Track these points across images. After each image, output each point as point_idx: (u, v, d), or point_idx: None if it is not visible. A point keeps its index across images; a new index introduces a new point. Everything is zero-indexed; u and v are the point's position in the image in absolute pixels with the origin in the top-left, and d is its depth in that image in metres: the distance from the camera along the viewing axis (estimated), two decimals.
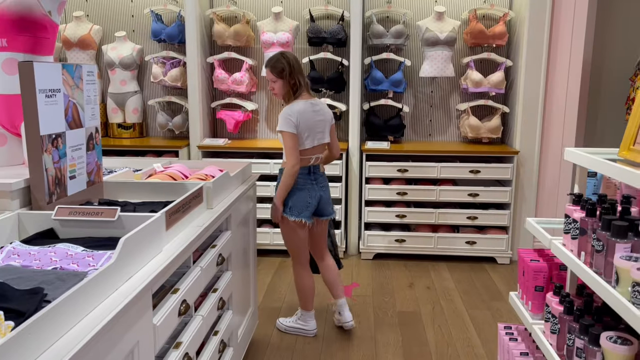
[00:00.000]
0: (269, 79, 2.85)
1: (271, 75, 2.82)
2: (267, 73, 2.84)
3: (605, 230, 1.35)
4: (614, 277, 1.28)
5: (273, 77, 2.82)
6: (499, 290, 3.72)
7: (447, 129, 4.62)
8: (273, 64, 2.81)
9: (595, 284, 1.35)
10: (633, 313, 1.17)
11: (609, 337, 1.31)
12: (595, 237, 1.39)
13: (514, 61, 4.22)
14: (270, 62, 2.82)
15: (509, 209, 4.15)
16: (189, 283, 1.74)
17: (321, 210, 2.91)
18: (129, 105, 4.53)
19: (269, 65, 2.82)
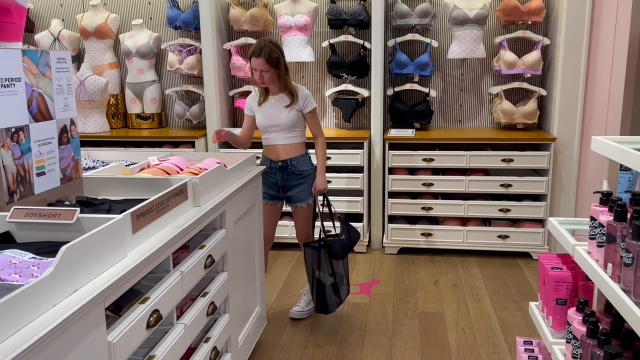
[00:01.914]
0: (258, 69, 2.69)
1: (265, 66, 2.67)
2: (258, 63, 2.67)
3: (636, 240, 1.10)
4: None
5: (266, 67, 2.68)
6: (532, 289, 3.42)
7: (478, 115, 4.30)
8: (268, 53, 2.66)
9: (621, 305, 1.10)
10: None
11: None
12: (624, 246, 1.13)
13: (551, 39, 3.86)
14: (262, 51, 2.66)
15: (546, 200, 3.82)
16: (163, 290, 1.58)
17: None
18: (146, 95, 4.44)
19: (264, 56, 2.65)
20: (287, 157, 2.84)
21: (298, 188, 2.88)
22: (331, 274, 2.85)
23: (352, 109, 4.13)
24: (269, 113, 2.82)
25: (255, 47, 2.69)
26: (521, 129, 4.04)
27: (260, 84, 2.77)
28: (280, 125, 2.81)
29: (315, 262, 2.86)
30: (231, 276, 2.20)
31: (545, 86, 3.99)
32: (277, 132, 2.83)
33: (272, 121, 2.82)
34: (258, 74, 2.71)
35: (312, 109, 2.85)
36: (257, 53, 2.67)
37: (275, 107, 2.81)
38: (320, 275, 2.86)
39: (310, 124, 2.90)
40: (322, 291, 2.85)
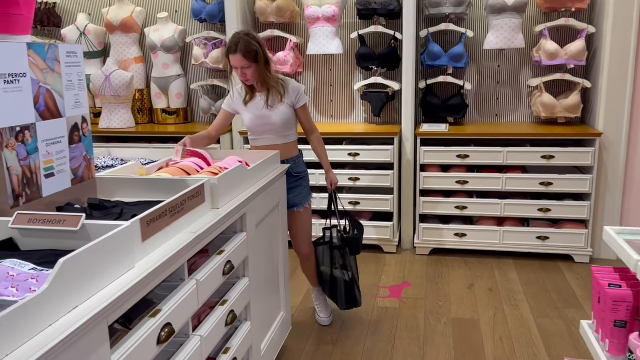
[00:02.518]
0: (238, 66, 2.45)
1: (244, 62, 2.43)
2: (236, 60, 2.44)
3: None
4: None
5: (246, 63, 2.44)
6: (575, 295, 3.21)
7: (516, 109, 4.07)
8: (245, 47, 2.41)
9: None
10: None
11: None
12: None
13: (597, 27, 3.60)
14: (238, 46, 2.42)
15: (590, 200, 3.58)
16: (177, 302, 1.46)
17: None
18: (172, 89, 4.36)
19: (240, 51, 2.41)
20: (284, 159, 2.59)
21: (294, 192, 2.65)
22: (349, 269, 2.79)
23: (382, 103, 3.96)
24: (258, 112, 2.57)
25: (230, 43, 2.45)
26: (563, 123, 3.79)
27: (244, 82, 2.53)
28: (273, 125, 2.58)
29: (339, 260, 2.76)
30: (253, 281, 2.08)
31: (590, 78, 3.74)
32: (270, 132, 2.60)
33: (264, 120, 2.57)
34: (240, 72, 2.47)
35: (305, 103, 2.64)
36: (232, 49, 2.43)
37: (265, 104, 2.56)
38: (343, 274, 2.77)
39: (304, 119, 2.68)
40: (351, 287, 2.78)
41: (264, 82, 2.53)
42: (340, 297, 2.80)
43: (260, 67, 2.48)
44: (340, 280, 2.78)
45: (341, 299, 2.81)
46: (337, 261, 2.77)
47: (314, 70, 4.31)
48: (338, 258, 2.77)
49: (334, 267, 2.78)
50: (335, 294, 2.82)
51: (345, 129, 3.99)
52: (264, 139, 2.63)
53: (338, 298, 2.82)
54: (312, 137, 2.75)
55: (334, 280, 2.80)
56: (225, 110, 2.70)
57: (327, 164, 2.78)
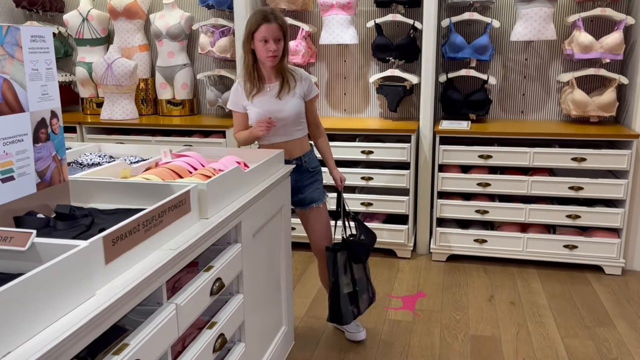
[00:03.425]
0: (271, 37, 2.22)
1: (279, 33, 2.24)
2: (272, 30, 2.22)
3: None
4: None
5: (280, 35, 2.25)
6: (606, 311, 2.93)
7: (544, 106, 3.78)
8: (281, 18, 2.26)
9: None
10: None
11: None
12: None
13: (636, 18, 3.29)
14: (274, 15, 2.24)
15: (624, 207, 3.28)
16: (150, 332, 1.24)
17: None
18: (177, 79, 4.14)
19: (278, 20, 2.23)
20: (300, 154, 2.43)
21: (312, 187, 2.48)
22: (350, 279, 2.47)
23: (399, 97, 3.69)
24: (269, 106, 2.34)
25: (264, 13, 2.24)
26: (595, 122, 3.50)
27: (270, 60, 2.27)
28: (287, 119, 2.36)
29: (330, 266, 2.45)
30: (248, 298, 1.86)
31: (627, 73, 3.43)
32: (283, 126, 2.38)
33: (276, 114, 2.34)
34: (270, 45, 2.22)
35: (316, 94, 2.47)
36: (269, 18, 2.23)
37: (275, 96, 2.35)
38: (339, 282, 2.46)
39: (312, 112, 2.48)
40: (336, 298, 2.45)
41: (279, 68, 2.34)
42: (328, 306, 2.53)
43: (286, 47, 2.30)
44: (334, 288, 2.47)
45: (328, 308, 2.53)
46: (331, 267, 2.48)
47: (327, 61, 4.05)
48: (331, 263, 2.48)
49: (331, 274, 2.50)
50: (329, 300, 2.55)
51: (359, 125, 3.73)
52: (277, 135, 2.40)
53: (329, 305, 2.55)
54: (318, 132, 2.56)
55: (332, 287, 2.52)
56: (236, 112, 2.45)
57: (333, 161, 2.60)
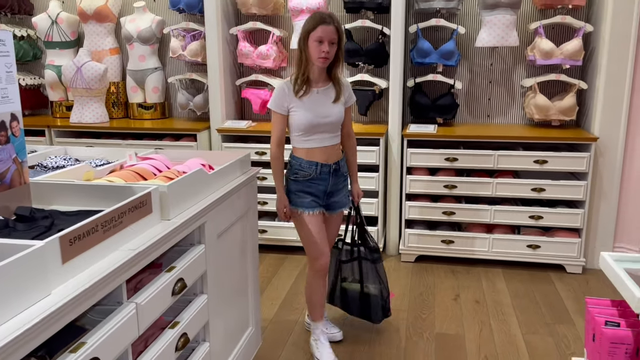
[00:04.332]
0: (327, 39, 2.19)
1: (335, 36, 2.22)
2: (329, 32, 2.19)
3: None
4: None
5: (335, 38, 2.22)
6: (566, 308, 3.03)
7: (508, 110, 3.89)
8: (338, 21, 2.23)
9: None
10: None
11: None
12: None
13: (595, 25, 3.41)
14: (332, 18, 2.22)
15: (584, 207, 3.40)
16: (109, 330, 1.26)
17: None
18: (148, 83, 4.14)
19: (336, 23, 2.21)
20: (337, 159, 2.40)
21: (342, 192, 2.47)
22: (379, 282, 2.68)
23: (368, 101, 3.76)
24: (317, 108, 2.29)
25: (321, 15, 2.22)
26: (557, 126, 3.61)
27: (321, 61, 2.22)
28: (332, 124, 2.33)
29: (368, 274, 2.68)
30: (212, 298, 1.88)
31: (586, 79, 3.56)
32: (326, 131, 2.34)
33: (324, 119, 2.30)
34: (325, 46, 2.19)
35: (353, 102, 2.45)
36: (327, 20, 2.20)
37: (322, 100, 2.31)
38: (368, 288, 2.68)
39: (348, 120, 2.45)
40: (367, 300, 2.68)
41: (330, 72, 2.33)
42: (376, 312, 2.68)
43: (339, 52, 2.28)
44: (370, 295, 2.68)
45: (377, 313, 2.69)
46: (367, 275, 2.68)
47: None
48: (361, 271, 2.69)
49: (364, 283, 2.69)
50: (369, 309, 2.70)
51: None
52: (318, 139, 2.34)
53: (373, 313, 2.69)
54: (351, 142, 2.51)
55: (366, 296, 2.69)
56: (280, 115, 2.32)
57: (357, 175, 2.59)
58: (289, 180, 2.40)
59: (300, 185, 2.37)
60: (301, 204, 2.37)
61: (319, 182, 2.37)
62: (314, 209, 2.38)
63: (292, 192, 2.39)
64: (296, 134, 2.34)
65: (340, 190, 2.47)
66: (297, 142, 2.37)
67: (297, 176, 2.36)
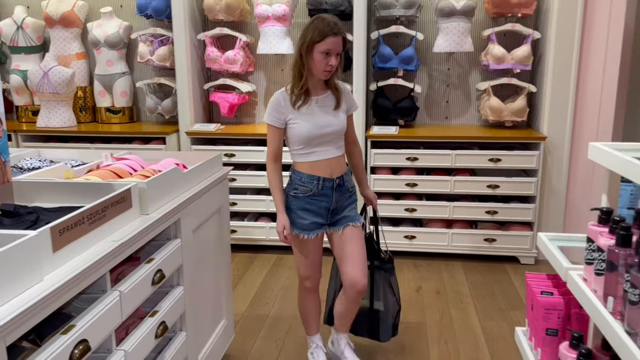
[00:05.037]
0: (334, 51, 2.02)
1: (340, 47, 2.04)
2: (336, 43, 2.01)
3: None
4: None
5: (341, 50, 2.05)
6: (519, 296, 3.25)
7: (465, 112, 4.11)
8: (343, 28, 2.05)
9: (625, 352, 0.91)
10: None
11: None
12: (629, 279, 0.94)
13: (542, 33, 3.67)
14: (340, 28, 2.03)
15: (535, 202, 3.64)
16: (95, 315, 1.36)
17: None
18: (116, 87, 4.19)
19: (343, 34, 2.04)
20: (341, 173, 2.20)
21: (350, 207, 2.27)
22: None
23: None
24: (317, 118, 2.13)
25: (329, 24, 2.00)
26: (509, 127, 3.85)
27: (326, 74, 2.07)
28: (334, 134, 2.16)
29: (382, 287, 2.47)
30: (188, 290, 1.99)
31: (535, 82, 3.81)
32: (328, 142, 2.17)
33: (325, 129, 2.13)
34: (332, 59, 2.02)
35: (356, 109, 2.29)
36: (337, 30, 2.00)
37: (322, 109, 2.15)
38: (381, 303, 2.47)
39: (351, 127, 2.29)
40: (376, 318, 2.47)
41: (329, 81, 2.15)
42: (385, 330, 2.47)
43: (341, 60, 2.10)
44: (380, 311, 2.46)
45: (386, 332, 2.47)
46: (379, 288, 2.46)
47: (265, 70, 4.23)
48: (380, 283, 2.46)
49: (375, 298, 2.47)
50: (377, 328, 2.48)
51: None
52: (320, 151, 2.16)
53: (382, 331, 2.48)
54: (357, 149, 2.37)
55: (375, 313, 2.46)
56: (276, 128, 2.15)
57: (366, 180, 2.49)
58: (288, 196, 2.21)
59: (300, 202, 2.17)
60: (300, 226, 2.18)
61: (320, 199, 2.17)
62: (312, 232, 2.19)
63: (292, 210, 2.19)
64: (296, 148, 2.18)
65: (347, 206, 2.26)
66: (298, 157, 2.19)
67: (297, 192, 2.17)
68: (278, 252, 3.89)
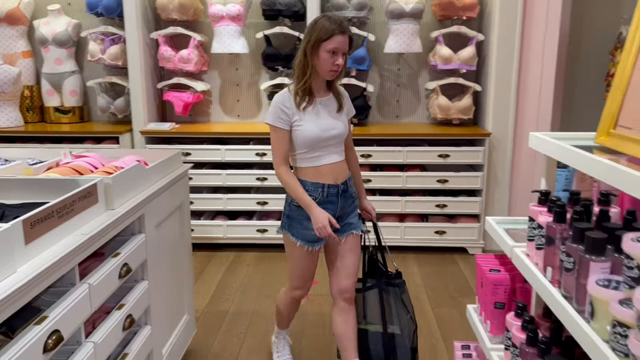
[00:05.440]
0: (341, 51, 1.96)
1: (347, 46, 1.99)
2: (343, 42, 1.96)
3: (576, 243, 1.04)
4: (587, 308, 0.97)
5: (347, 49, 2.00)
6: (468, 284, 3.43)
7: (415, 110, 4.28)
8: (349, 29, 2.00)
9: (562, 313, 1.04)
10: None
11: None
12: (564, 249, 1.07)
13: (485, 35, 3.88)
14: (347, 27, 1.98)
15: (481, 195, 3.85)
16: (66, 307, 1.39)
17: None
18: (65, 86, 4.10)
19: (350, 33, 1.98)
20: (345, 178, 2.13)
21: (353, 213, 2.21)
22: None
23: None
24: (322, 120, 2.05)
25: (337, 22, 1.95)
26: (457, 124, 4.04)
27: (332, 74, 2.00)
28: (339, 137, 2.09)
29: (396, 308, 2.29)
30: (153, 284, 2.02)
31: (480, 82, 4.02)
32: (332, 145, 2.09)
33: (331, 132, 2.05)
34: (339, 58, 1.96)
35: (353, 112, 2.24)
36: (343, 28, 1.95)
37: (326, 111, 2.07)
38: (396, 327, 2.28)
39: (349, 131, 2.21)
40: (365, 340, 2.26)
41: (331, 82, 2.09)
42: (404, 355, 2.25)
43: (346, 61, 2.03)
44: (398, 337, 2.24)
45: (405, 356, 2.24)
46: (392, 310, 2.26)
47: (220, 69, 4.25)
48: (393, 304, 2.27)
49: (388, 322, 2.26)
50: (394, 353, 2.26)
51: (253, 129, 3.98)
52: (325, 155, 2.08)
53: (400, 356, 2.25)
54: (354, 156, 2.30)
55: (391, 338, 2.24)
56: (284, 130, 2.04)
57: (364, 191, 2.35)
58: (291, 206, 2.10)
59: (304, 212, 2.05)
60: (305, 238, 2.09)
61: (326, 207, 2.06)
62: (317, 243, 2.11)
63: (294, 219, 2.09)
64: (300, 152, 2.08)
65: (350, 213, 2.20)
66: (302, 162, 2.09)
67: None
68: (236, 249, 3.93)
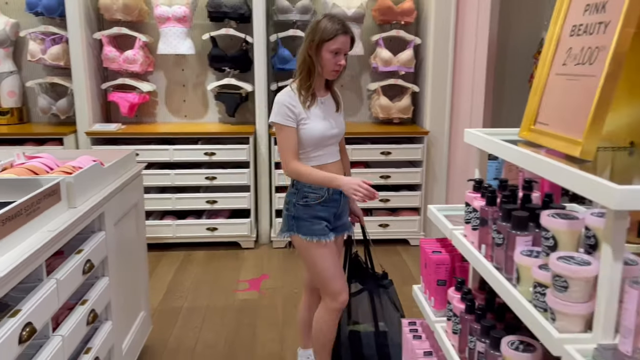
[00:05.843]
0: (343, 51, 1.98)
1: (349, 47, 2.00)
2: (346, 42, 1.97)
3: (505, 221, 1.22)
4: (514, 275, 1.15)
5: (349, 49, 2.01)
6: (411, 273, 3.65)
7: (358, 110, 4.48)
8: (351, 30, 1.99)
9: (495, 282, 1.22)
10: (533, 317, 1.04)
11: (511, 342, 1.18)
12: (495, 228, 1.25)
13: (422, 39, 4.13)
14: (349, 27, 1.98)
15: (421, 190, 4.09)
16: (37, 301, 1.44)
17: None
18: (3, 87, 3.99)
19: (352, 33, 1.98)
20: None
21: (346, 214, 2.24)
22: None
23: (235, 104, 4.08)
24: (326, 120, 2.06)
25: (340, 22, 1.96)
26: (397, 123, 4.27)
27: (334, 74, 2.02)
28: (339, 136, 2.14)
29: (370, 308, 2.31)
30: (113, 281, 2.07)
31: (418, 83, 4.26)
32: (332, 145, 2.12)
33: (333, 130, 2.08)
34: (341, 58, 1.98)
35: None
36: (346, 29, 1.95)
37: (327, 110, 2.09)
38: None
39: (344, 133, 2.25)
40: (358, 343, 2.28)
41: (330, 82, 2.12)
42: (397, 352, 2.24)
43: (346, 60, 2.03)
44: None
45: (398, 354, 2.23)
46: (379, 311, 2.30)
47: (166, 70, 4.27)
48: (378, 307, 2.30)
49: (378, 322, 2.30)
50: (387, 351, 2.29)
51: (200, 129, 4.03)
52: (327, 153, 2.10)
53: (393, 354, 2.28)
54: (347, 157, 2.33)
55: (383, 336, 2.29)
56: (291, 127, 2.00)
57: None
58: (297, 206, 2.07)
59: (312, 211, 2.05)
60: (316, 232, 2.04)
61: (331, 205, 2.08)
62: (328, 235, 2.07)
63: (303, 219, 2.05)
64: (303, 151, 2.06)
65: (346, 212, 2.22)
66: (305, 162, 2.07)
67: (308, 200, 2.05)
68: (185, 249, 3.97)
